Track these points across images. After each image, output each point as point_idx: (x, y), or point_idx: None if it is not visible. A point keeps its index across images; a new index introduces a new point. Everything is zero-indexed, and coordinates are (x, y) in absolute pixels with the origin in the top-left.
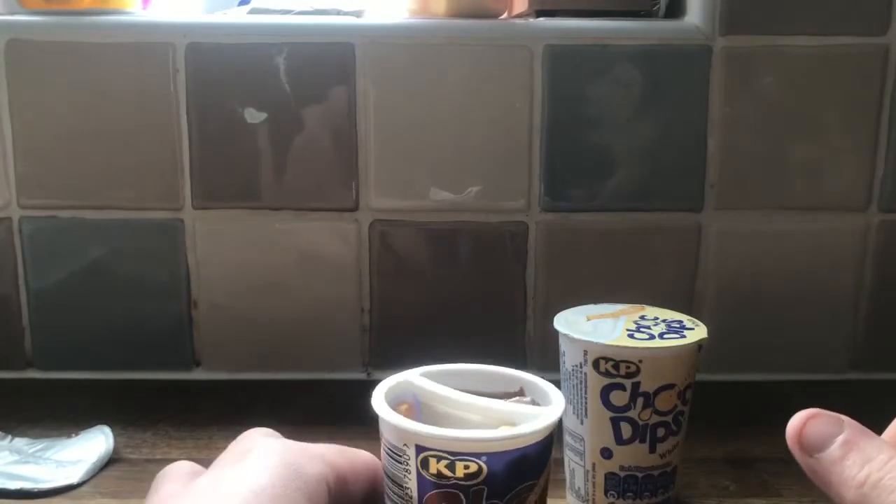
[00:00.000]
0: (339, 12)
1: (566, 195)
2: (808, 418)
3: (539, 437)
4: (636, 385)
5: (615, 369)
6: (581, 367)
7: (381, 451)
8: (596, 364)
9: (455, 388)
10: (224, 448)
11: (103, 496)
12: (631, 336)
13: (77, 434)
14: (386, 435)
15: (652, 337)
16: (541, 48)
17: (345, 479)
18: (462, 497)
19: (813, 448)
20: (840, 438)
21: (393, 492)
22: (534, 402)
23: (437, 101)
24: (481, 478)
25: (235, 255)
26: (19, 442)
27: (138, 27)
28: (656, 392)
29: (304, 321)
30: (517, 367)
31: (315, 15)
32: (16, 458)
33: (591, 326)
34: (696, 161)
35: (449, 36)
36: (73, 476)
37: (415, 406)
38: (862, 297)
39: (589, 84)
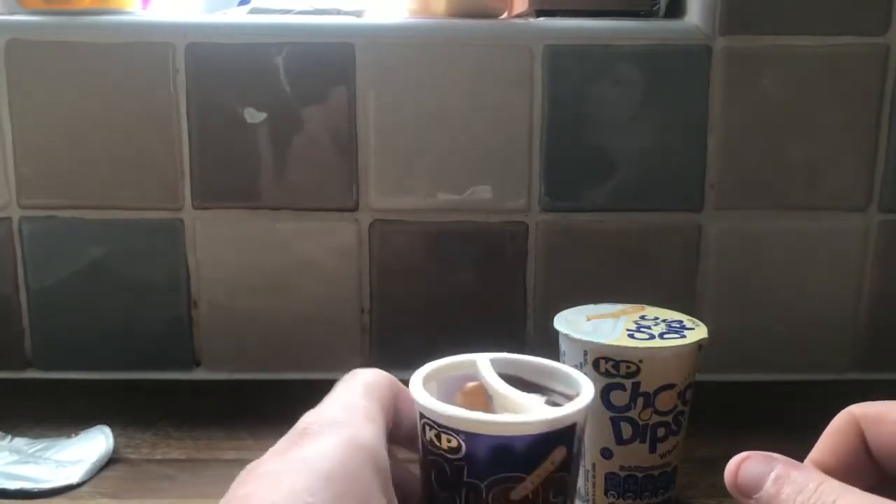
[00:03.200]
0: (339, 12)
1: (566, 195)
2: (741, 462)
3: (519, 431)
4: (636, 385)
5: (615, 369)
6: (581, 366)
7: None
8: (596, 364)
9: (518, 378)
10: (224, 448)
11: (103, 496)
12: (631, 336)
13: (77, 434)
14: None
15: (652, 337)
16: (541, 48)
17: (391, 417)
18: (446, 467)
19: (750, 490)
20: (772, 475)
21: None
22: (555, 403)
23: (437, 101)
24: (461, 454)
25: (235, 255)
26: (19, 442)
27: (138, 27)
28: (656, 392)
29: (304, 321)
30: None
31: (315, 15)
32: (16, 458)
33: (591, 326)
34: (696, 161)
35: (449, 36)
36: (72, 476)
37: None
38: (862, 298)
39: (589, 84)
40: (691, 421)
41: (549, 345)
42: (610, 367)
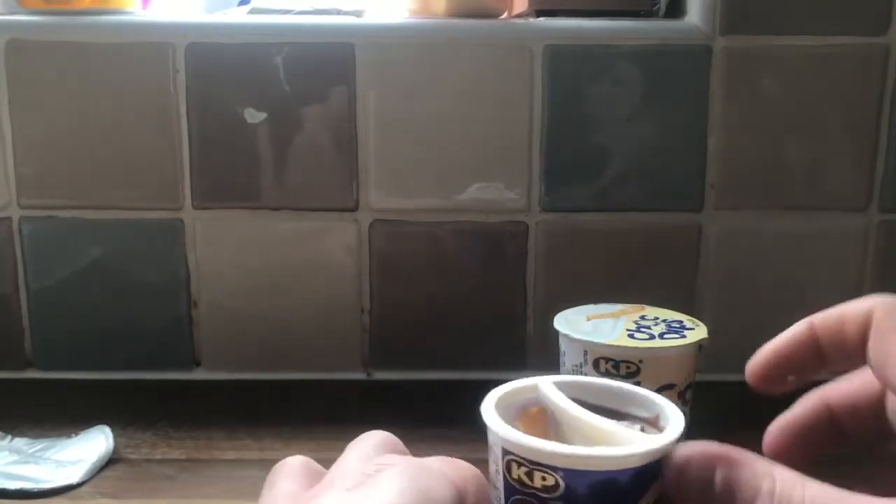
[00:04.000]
0: (339, 12)
1: (566, 195)
2: (681, 472)
3: (626, 465)
4: (636, 385)
5: (615, 369)
6: (581, 367)
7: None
8: (596, 364)
9: (584, 402)
10: (224, 448)
11: (103, 496)
12: (631, 336)
13: (77, 434)
14: (488, 433)
15: (652, 337)
16: (541, 48)
17: (465, 496)
18: None
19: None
20: (718, 480)
21: (493, 492)
22: (645, 430)
23: (437, 100)
24: (559, 493)
25: (235, 255)
26: (19, 442)
27: (138, 27)
28: (656, 392)
29: (304, 321)
30: (517, 368)
31: (315, 15)
32: (15, 458)
33: (591, 326)
34: (697, 161)
35: (449, 36)
36: (72, 476)
37: (546, 412)
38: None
39: (589, 84)
40: (691, 421)
41: (549, 345)
42: (610, 367)
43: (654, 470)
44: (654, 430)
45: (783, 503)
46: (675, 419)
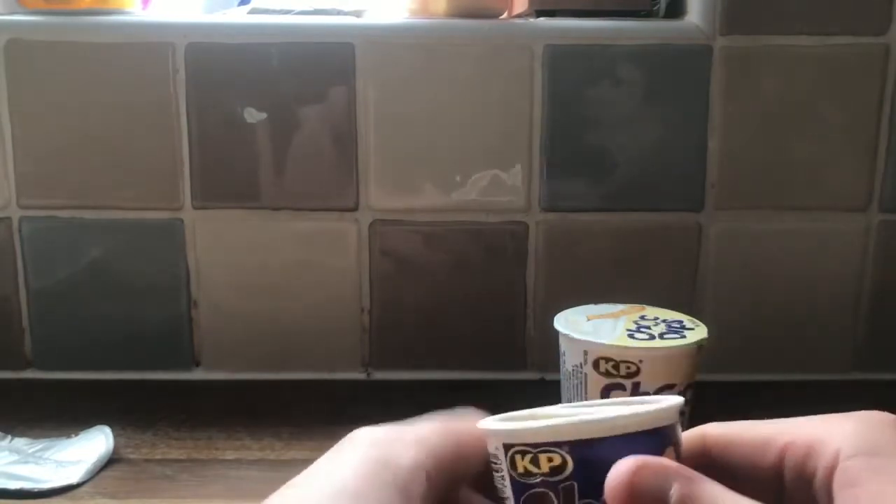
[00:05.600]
0: (339, 12)
1: (566, 195)
2: (637, 470)
3: (632, 428)
4: (636, 385)
5: (615, 369)
6: (581, 367)
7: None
8: (596, 364)
9: None
10: (223, 448)
11: (103, 496)
12: (631, 336)
13: (77, 434)
14: (490, 449)
15: (652, 337)
16: (541, 48)
17: (448, 464)
18: (552, 497)
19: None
20: (674, 494)
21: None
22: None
23: (437, 100)
24: (567, 472)
25: (235, 255)
26: (19, 442)
27: (138, 27)
28: (657, 392)
29: (304, 321)
30: (517, 368)
31: (315, 15)
32: (15, 458)
33: (591, 326)
34: (697, 161)
35: (449, 36)
36: (72, 476)
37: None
38: (863, 297)
39: (589, 84)
40: (691, 421)
41: (549, 345)
42: (610, 367)
43: (667, 436)
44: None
45: None
46: (672, 399)
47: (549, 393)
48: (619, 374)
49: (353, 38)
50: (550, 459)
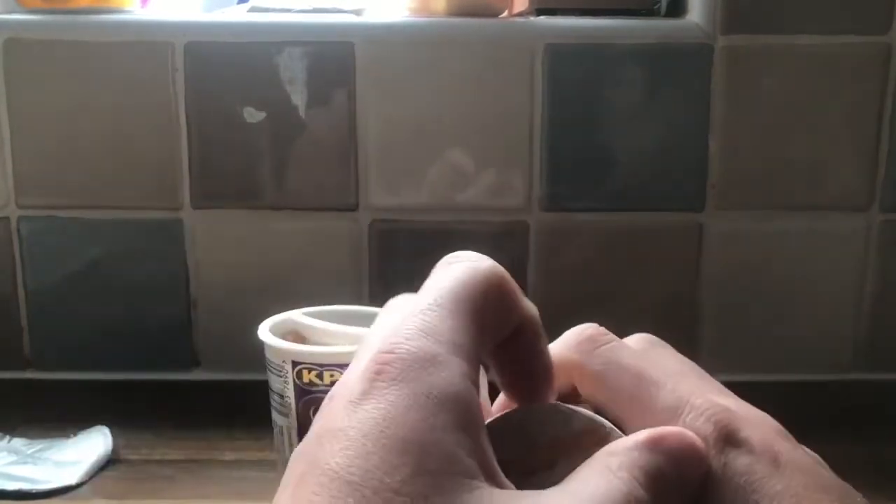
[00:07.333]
0: (338, 11)
1: (566, 195)
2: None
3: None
4: None
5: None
6: None
7: (267, 373)
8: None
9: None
10: (223, 449)
11: (102, 497)
12: None
13: (76, 434)
14: (269, 357)
15: None
16: (541, 47)
17: (477, 355)
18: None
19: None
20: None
21: (277, 402)
22: None
23: (437, 100)
24: None
25: (235, 255)
26: (18, 442)
27: (137, 26)
28: None
29: None
30: None
31: (315, 14)
32: (14, 458)
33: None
34: (697, 161)
35: (449, 35)
36: (71, 477)
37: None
38: (863, 298)
39: (589, 83)
40: None
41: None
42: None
43: None
44: None
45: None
46: None
47: None
48: None
49: (353, 36)
50: (332, 375)
